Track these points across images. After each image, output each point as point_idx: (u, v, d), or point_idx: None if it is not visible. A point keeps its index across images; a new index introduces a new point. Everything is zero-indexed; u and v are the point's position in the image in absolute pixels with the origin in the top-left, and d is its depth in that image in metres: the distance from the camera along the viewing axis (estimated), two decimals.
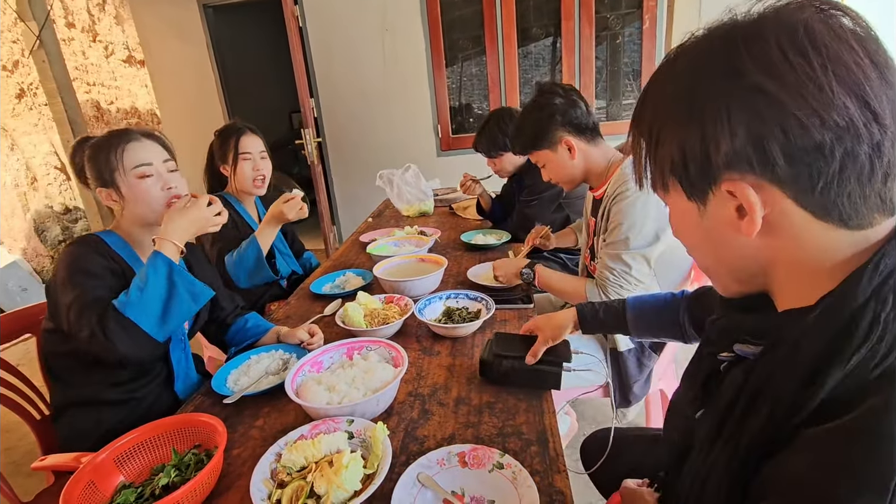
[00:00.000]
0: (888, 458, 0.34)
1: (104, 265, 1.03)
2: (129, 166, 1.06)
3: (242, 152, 1.76)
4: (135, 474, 0.81)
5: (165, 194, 1.09)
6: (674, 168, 0.45)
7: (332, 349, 1.07)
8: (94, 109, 5.18)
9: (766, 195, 0.41)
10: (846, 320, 0.39)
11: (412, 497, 0.73)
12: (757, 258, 0.46)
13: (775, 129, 0.38)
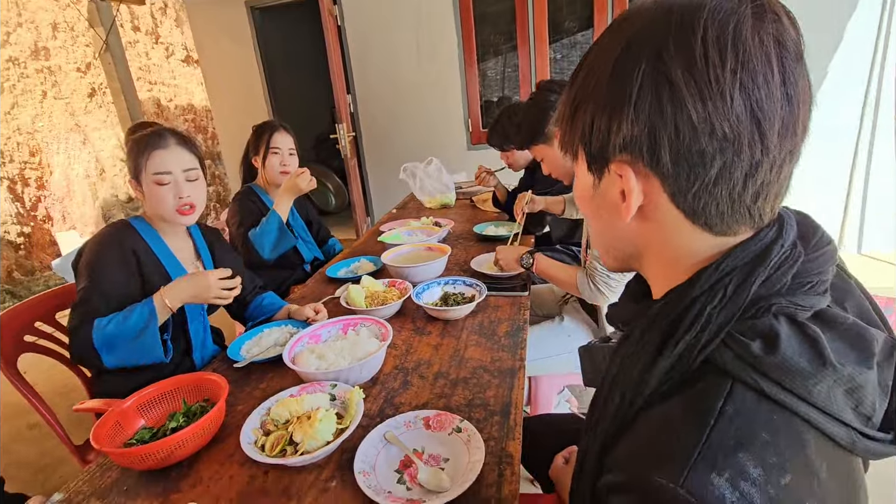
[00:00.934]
0: (694, 434, 0.37)
1: (118, 259, 1.17)
2: (150, 171, 1.18)
3: (273, 147, 1.92)
4: (154, 420, 0.96)
5: (177, 202, 1.20)
6: (582, 137, 0.46)
7: (331, 324, 1.18)
8: (154, 106, 5.61)
9: (648, 186, 0.42)
10: (679, 312, 0.42)
11: (377, 451, 0.83)
12: (632, 241, 0.48)
13: (670, 125, 0.39)
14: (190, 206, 1.22)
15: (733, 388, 0.39)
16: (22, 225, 4.23)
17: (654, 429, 0.41)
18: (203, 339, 1.35)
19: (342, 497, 0.76)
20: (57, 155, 4.55)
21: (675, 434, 0.39)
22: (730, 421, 0.37)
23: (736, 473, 0.35)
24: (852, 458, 0.41)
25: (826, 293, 0.42)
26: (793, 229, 0.43)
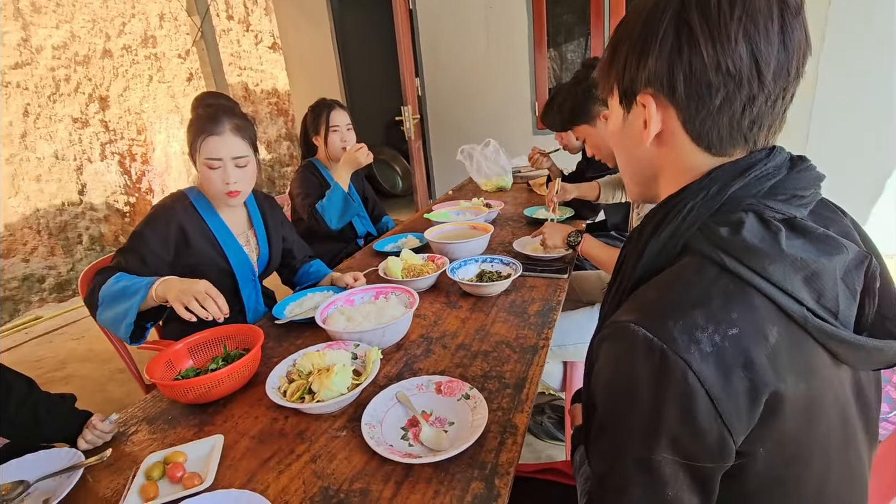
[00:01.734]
0: (663, 296, 0.48)
1: (163, 235, 1.24)
2: (203, 155, 1.24)
3: (332, 125, 2.01)
4: (200, 362, 1.06)
5: (224, 187, 1.26)
6: (617, 76, 0.55)
7: (365, 291, 1.24)
8: (242, 90, 6.05)
9: (665, 115, 0.51)
10: (669, 208, 0.52)
11: (386, 408, 0.86)
12: (651, 164, 0.57)
13: (685, 61, 0.48)
14: (235, 192, 1.28)
15: (702, 264, 0.48)
16: (128, 195, 4.78)
17: (636, 296, 0.51)
18: (256, 302, 1.46)
19: (349, 445, 0.80)
20: (158, 134, 5.06)
21: (649, 296, 0.49)
22: (692, 287, 0.47)
23: (689, 323, 0.44)
24: (816, 346, 0.46)
25: (803, 208, 0.50)
26: (781, 156, 0.51)
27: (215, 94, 1.40)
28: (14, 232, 4.10)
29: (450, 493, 0.69)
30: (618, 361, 0.48)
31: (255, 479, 0.74)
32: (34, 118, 4.21)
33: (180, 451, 0.80)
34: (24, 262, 4.07)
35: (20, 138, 4.13)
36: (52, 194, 4.29)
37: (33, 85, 4.19)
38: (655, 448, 0.46)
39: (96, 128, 4.60)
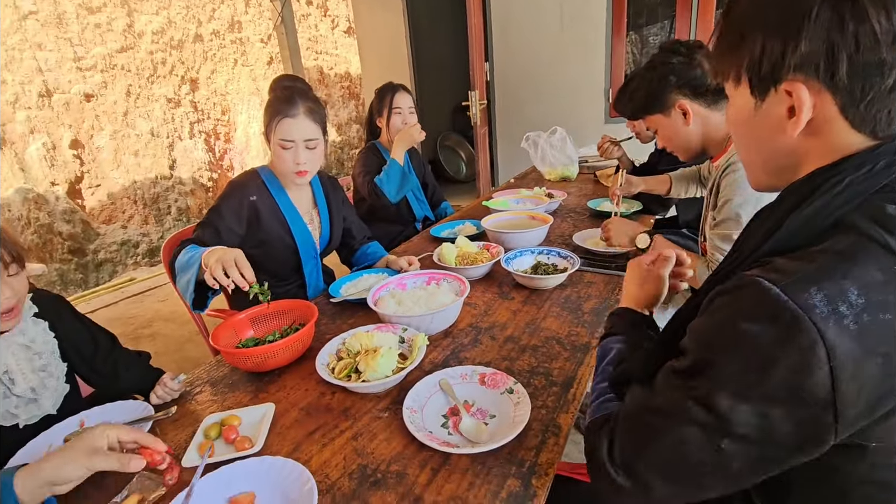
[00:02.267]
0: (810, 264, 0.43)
1: (236, 210, 1.31)
2: (277, 135, 1.30)
3: (395, 107, 2.02)
4: (260, 333, 1.13)
5: (294, 167, 1.31)
6: (750, 63, 0.49)
7: (418, 276, 1.25)
8: (318, 73, 6.28)
9: (819, 100, 0.46)
10: (820, 181, 0.46)
11: (428, 395, 0.87)
12: (793, 155, 0.51)
13: (850, 39, 0.42)
14: (304, 172, 1.33)
15: (861, 241, 0.43)
16: (212, 171, 5.14)
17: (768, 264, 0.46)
18: (316, 279, 1.53)
19: (390, 427, 0.82)
20: (240, 115, 5.39)
21: (788, 263, 0.44)
22: (847, 259, 0.42)
23: (836, 294, 0.40)
24: None
25: None
26: None
27: (292, 76, 1.45)
28: (115, 201, 4.55)
29: (485, 487, 0.68)
30: (736, 315, 0.44)
31: (300, 450, 0.78)
32: (135, 98, 4.62)
33: (236, 415, 0.85)
34: (123, 228, 4.51)
35: (123, 116, 4.55)
36: (148, 168, 4.71)
37: (135, 67, 4.59)
38: (742, 399, 0.42)
39: (186, 108, 4.97)
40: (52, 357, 0.95)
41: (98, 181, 4.47)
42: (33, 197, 4.03)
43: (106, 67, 4.44)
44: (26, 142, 4.10)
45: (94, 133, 4.41)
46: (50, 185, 4.18)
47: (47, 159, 4.17)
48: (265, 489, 0.69)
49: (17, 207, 3.93)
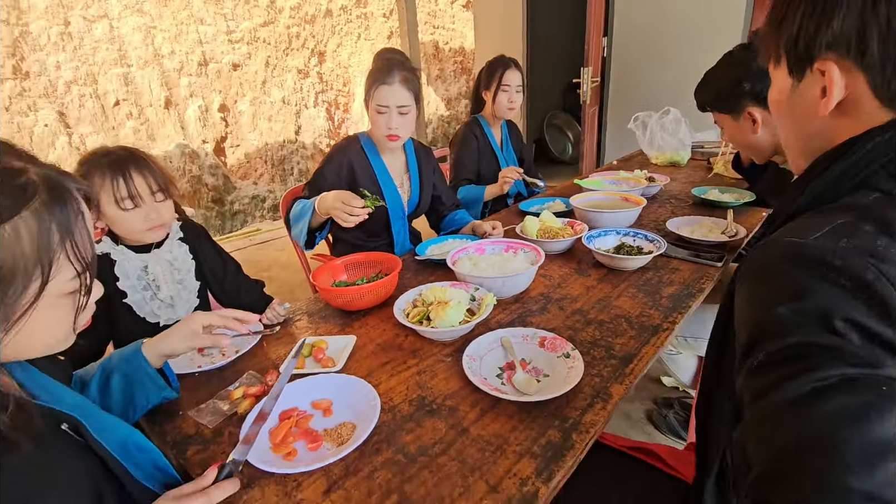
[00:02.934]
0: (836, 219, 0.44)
1: (336, 168, 1.48)
2: (374, 101, 1.42)
3: (504, 84, 2.03)
4: (352, 277, 1.28)
5: (386, 131, 1.42)
6: (787, 42, 0.51)
7: (497, 243, 1.30)
8: (433, 48, 6.43)
9: (851, 79, 0.47)
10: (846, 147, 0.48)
11: (489, 348, 0.94)
12: (825, 136, 0.51)
13: (882, 17, 0.43)
14: (395, 136, 1.45)
15: (883, 199, 0.44)
16: (330, 138, 5.59)
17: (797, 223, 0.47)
18: (403, 238, 1.65)
19: (450, 370, 0.90)
20: (358, 87, 5.75)
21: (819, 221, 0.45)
22: (869, 212, 0.43)
23: (863, 243, 0.40)
24: None
25: None
26: None
27: (392, 49, 1.58)
28: (250, 160, 5.17)
29: (526, 432, 0.74)
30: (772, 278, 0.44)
31: (372, 375, 0.90)
32: (272, 69, 5.16)
33: (324, 340, 1.00)
34: (254, 184, 5.13)
35: (261, 85, 5.11)
36: (278, 132, 5.27)
37: (274, 40, 5.10)
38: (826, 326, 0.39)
39: (314, 79, 5.43)
40: (189, 274, 1.18)
41: (238, 141, 5.11)
42: (188, 152, 4.74)
43: (251, 40, 5.00)
44: (186, 104, 4.80)
45: (238, 99, 5.03)
46: (201, 143, 4.87)
47: (201, 120, 4.86)
48: (340, 399, 0.82)
49: (177, 160, 4.66)
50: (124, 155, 1.05)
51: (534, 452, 0.70)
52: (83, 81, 4.19)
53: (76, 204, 0.53)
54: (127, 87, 4.41)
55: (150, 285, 1.13)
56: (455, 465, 0.69)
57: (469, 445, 0.72)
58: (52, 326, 0.54)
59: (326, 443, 0.74)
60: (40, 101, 4.03)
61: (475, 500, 0.63)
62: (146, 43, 4.46)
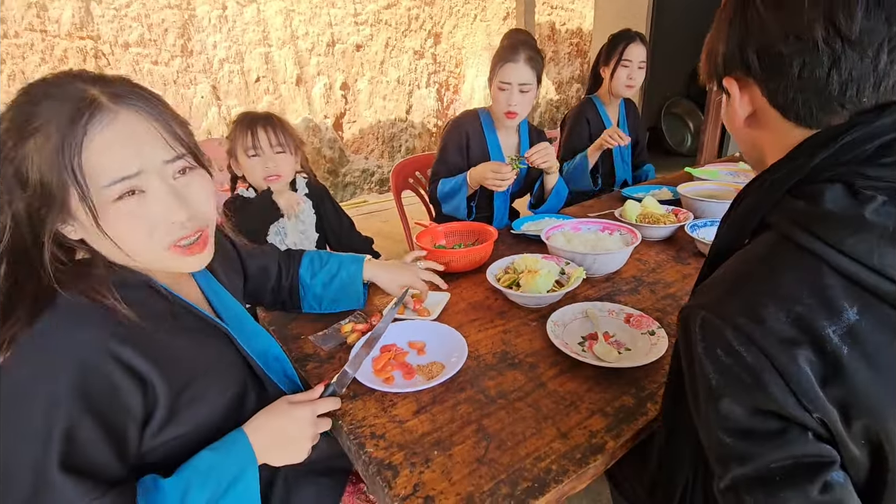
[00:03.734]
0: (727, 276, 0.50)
1: (456, 142, 1.58)
2: (498, 78, 1.48)
3: (625, 59, 1.89)
4: (450, 243, 1.38)
5: (506, 107, 1.50)
6: (709, 68, 0.56)
7: (593, 223, 1.32)
8: (549, 29, 6.28)
9: (751, 93, 0.52)
10: (752, 184, 0.53)
11: (574, 317, 0.98)
12: (755, 147, 0.56)
13: (754, 39, 0.48)
14: (513, 113, 1.51)
15: (774, 239, 0.48)
16: (438, 119, 5.77)
17: (706, 280, 0.53)
18: (502, 213, 1.72)
19: (535, 333, 0.96)
20: (470, 68, 5.83)
21: (716, 277, 0.51)
22: (759, 264, 0.47)
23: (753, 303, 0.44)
24: None
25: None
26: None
27: (519, 30, 1.63)
28: (364, 136, 5.54)
29: (601, 395, 0.78)
30: (683, 346, 0.52)
31: (462, 328, 0.99)
32: (391, 49, 5.43)
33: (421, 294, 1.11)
34: (365, 159, 5.50)
35: (379, 65, 5.42)
36: (390, 111, 5.56)
37: (394, 22, 5.35)
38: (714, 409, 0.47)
39: (428, 59, 5.61)
40: (310, 227, 1.37)
41: (354, 118, 5.50)
42: (312, 126, 5.20)
43: (374, 22, 5.30)
44: (314, 82, 5.26)
45: (358, 78, 5.38)
46: (323, 118, 5.31)
47: (324, 97, 5.29)
48: (432, 342, 0.93)
49: (302, 133, 5.15)
50: (259, 116, 1.29)
51: (606, 412, 0.74)
52: (233, 59, 4.79)
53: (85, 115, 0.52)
54: (266, 65, 4.95)
55: (280, 231, 1.35)
56: (530, 411, 0.75)
57: (545, 397, 0.78)
58: (127, 232, 0.56)
59: (418, 375, 0.84)
60: (199, 76, 4.69)
61: (545, 441, 0.69)
62: (285, 25, 4.95)
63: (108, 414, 0.54)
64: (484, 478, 0.64)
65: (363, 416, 0.76)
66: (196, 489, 0.57)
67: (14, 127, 0.53)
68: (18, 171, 0.53)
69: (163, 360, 0.58)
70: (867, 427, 0.42)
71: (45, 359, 0.52)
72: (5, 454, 0.50)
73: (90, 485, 0.51)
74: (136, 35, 4.25)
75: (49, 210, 0.54)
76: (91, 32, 4.04)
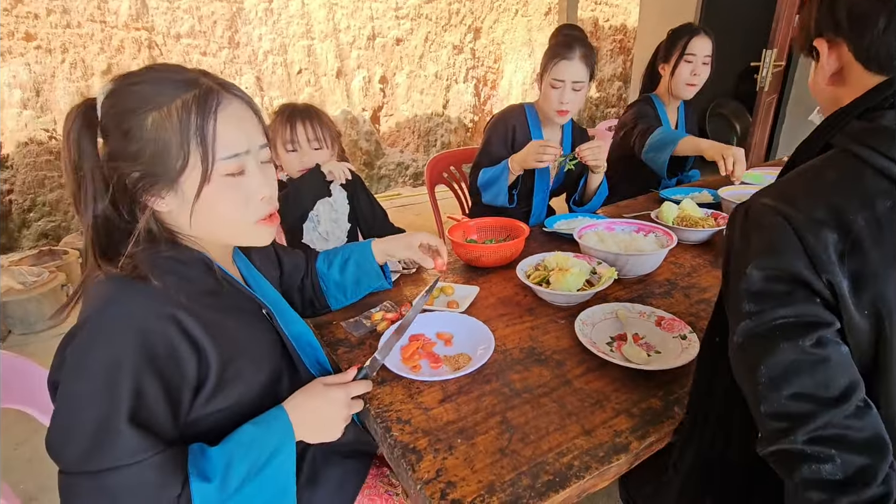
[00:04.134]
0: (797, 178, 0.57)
1: (502, 136, 1.57)
2: (550, 75, 1.46)
3: (688, 53, 1.75)
4: (481, 238, 1.38)
5: (557, 105, 1.47)
6: (801, 38, 0.63)
7: (627, 224, 1.30)
8: (591, 26, 6.15)
9: (839, 51, 0.58)
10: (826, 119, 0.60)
11: (603, 317, 0.97)
12: (837, 103, 0.60)
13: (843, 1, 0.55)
14: (565, 111, 1.50)
15: (834, 153, 0.56)
16: (474, 114, 5.76)
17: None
18: (540, 210, 1.71)
19: (562, 331, 0.96)
20: (508, 64, 5.79)
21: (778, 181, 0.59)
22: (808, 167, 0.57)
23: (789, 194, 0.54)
24: None
25: None
26: None
27: (572, 25, 1.59)
28: (400, 129, 5.59)
29: (628, 395, 0.78)
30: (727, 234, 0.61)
31: (489, 322, 0.99)
32: (430, 44, 5.45)
33: (451, 287, 1.13)
34: (400, 152, 5.55)
35: (418, 59, 5.44)
36: (427, 105, 5.59)
37: (435, 16, 5.36)
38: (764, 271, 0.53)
39: (466, 55, 5.60)
40: (343, 217, 1.41)
41: (391, 112, 5.55)
42: (350, 118, 5.29)
43: (415, 16, 5.32)
44: (353, 75, 5.33)
45: (397, 72, 5.43)
46: (361, 111, 5.39)
47: (363, 90, 5.37)
48: (460, 334, 0.94)
49: (340, 124, 5.24)
50: (299, 108, 1.32)
51: (632, 413, 0.74)
52: (277, 52, 4.91)
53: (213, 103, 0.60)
54: (309, 57, 5.06)
55: (313, 219, 1.39)
56: (555, 407, 0.76)
57: (570, 394, 0.78)
58: (227, 204, 0.64)
59: (445, 365, 0.86)
60: (244, 67, 4.84)
61: (569, 437, 0.70)
62: (328, 18, 5.04)
63: (169, 377, 0.58)
64: (506, 468, 0.65)
65: (390, 401, 0.79)
66: (239, 460, 0.60)
67: (129, 105, 0.59)
68: (131, 144, 0.59)
69: (215, 333, 0.63)
70: (874, 298, 0.50)
71: (115, 323, 0.57)
72: (74, 409, 0.54)
73: (151, 441, 0.55)
74: (186, 27, 4.42)
75: (155, 182, 0.61)
76: (146, 24, 4.23)
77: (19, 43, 3.82)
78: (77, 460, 0.53)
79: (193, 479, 0.57)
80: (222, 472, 0.59)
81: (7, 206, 3.91)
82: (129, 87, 0.60)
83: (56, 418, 0.55)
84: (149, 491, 0.55)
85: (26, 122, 3.90)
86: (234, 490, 0.59)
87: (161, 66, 0.63)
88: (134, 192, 0.62)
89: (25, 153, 3.90)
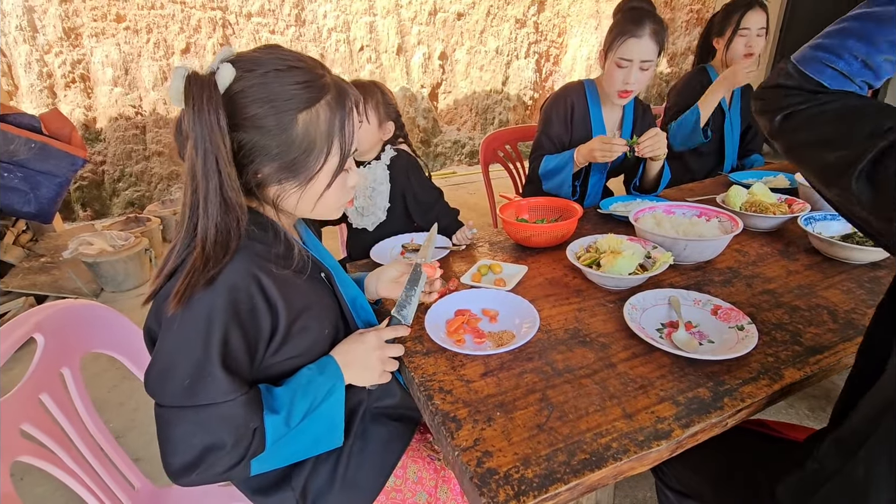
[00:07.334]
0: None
1: (561, 114, 1.54)
2: (617, 54, 1.37)
3: (742, 27, 1.72)
4: (533, 217, 1.37)
5: (621, 86, 1.42)
6: None
7: (689, 208, 1.24)
8: None
9: None
10: None
11: (655, 302, 0.94)
12: None
13: None
14: (627, 92, 1.43)
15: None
16: (534, 91, 5.60)
17: None
18: (595, 192, 1.67)
19: (611, 314, 0.95)
20: (573, 38, 5.55)
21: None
22: None
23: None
24: None
25: None
26: None
27: (640, 5, 1.44)
28: (458, 107, 5.55)
29: (674, 383, 0.76)
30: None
31: (536, 302, 0.99)
32: (492, 18, 5.32)
33: (499, 265, 1.13)
34: (457, 130, 5.52)
35: (479, 34, 5.34)
36: (486, 82, 5.50)
37: None
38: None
39: (529, 28, 5.43)
40: (380, 195, 1.39)
41: (450, 89, 5.51)
42: (409, 95, 5.31)
43: None
44: (413, 51, 5.33)
45: (457, 48, 5.36)
46: (420, 87, 5.39)
47: (423, 66, 5.36)
48: (505, 312, 0.95)
49: (399, 102, 5.29)
50: (358, 84, 1.28)
51: (677, 401, 0.72)
52: (340, 29, 5.00)
53: (350, 103, 0.71)
54: (370, 34, 5.11)
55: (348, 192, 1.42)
56: (596, 389, 0.76)
57: (613, 377, 0.78)
58: (333, 191, 0.74)
59: (488, 341, 0.88)
60: (310, 44, 4.97)
61: (608, 419, 0.70)
62: None
63: (248, 329, 0.67)
64: (542, 444, 0.66)
65: (433, 371, 0.82)
66: (300, 397, 0.70)
67: (269, 99, 0.65)
68: (271, 140, 0.66)
69: (286, 292, 0.70)
70: None
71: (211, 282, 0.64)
72: (173, 353, 0.63)
73: (238, 383, 0.64)
74: (257, 6, 4.59)
75: (293, 176, 0.69)
76: (220, 4, 4.44)
77: (111, 24, 4.13)
78: (178, 396, 0.62)
79: (266, 413, 0.67)
80: (287, 407, 0.69)
81: (101, 175, 4.30)
82: (261, 81, 0.65)
83: (157, 361, 0.63)
84: (238, 421, 0.64)
85: (116, 98, 4.25)
86: (297, 422, 0.69)
87: (280, 52, 0.68)
88: (261, 181, 0.69)
89: (115, 127, 4.26)
